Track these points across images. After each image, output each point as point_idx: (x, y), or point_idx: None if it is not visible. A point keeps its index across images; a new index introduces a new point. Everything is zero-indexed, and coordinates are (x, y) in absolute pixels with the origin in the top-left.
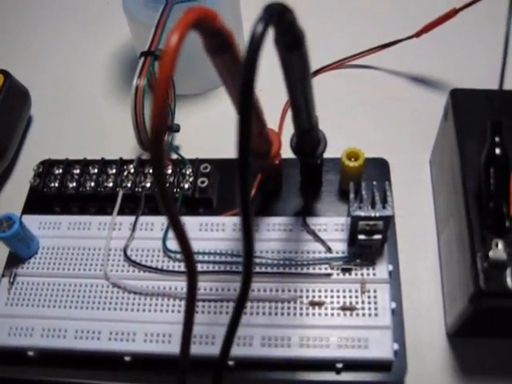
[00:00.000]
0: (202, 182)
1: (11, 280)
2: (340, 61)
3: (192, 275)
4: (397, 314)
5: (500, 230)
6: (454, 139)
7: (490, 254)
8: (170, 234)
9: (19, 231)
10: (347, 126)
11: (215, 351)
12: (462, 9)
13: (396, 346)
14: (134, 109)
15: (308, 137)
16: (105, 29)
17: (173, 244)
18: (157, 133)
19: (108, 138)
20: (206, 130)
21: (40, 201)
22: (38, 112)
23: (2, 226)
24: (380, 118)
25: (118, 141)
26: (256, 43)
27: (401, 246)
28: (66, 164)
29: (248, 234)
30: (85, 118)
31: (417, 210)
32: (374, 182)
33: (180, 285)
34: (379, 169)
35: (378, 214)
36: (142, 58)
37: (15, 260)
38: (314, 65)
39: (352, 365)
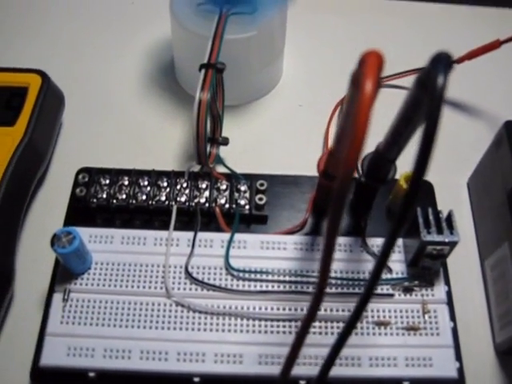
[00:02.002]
0: (260, 199)
1: (65, 297)
2: None
3: (318, 301)
4: (454, 333)
5: None
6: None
7: None
8: (232, 252)
9: (79, 247)
10: None
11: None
12: (506, 41)
13: (457, 364)
14: (196, 122)
15: (389, 165)
16: (133, 30)
17: (236, 262)
18: (348, 176)
19: (144, 147)
20: (246, 142)
21: (83, 212)
22: (68, 117)
23: (61, 241)
24: (415, 139)
25: (155, 150)
26: (440, 95)
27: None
28: (114, 174)
29: (383, 261)
30: (118, 125)
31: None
32: (440, 208)
33: (246, 304)
34: (424, 191)
35: (447, 240)
36: (203, 71)
37: (67, 275)
38: None
39: (417, 383)
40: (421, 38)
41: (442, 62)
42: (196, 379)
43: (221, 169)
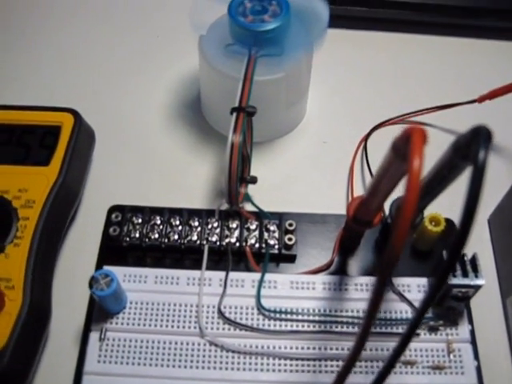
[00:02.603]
0: (289, 240)
1: (102, 336)
2: (400, 116)
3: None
4: (478, 371)
5: None
6: None
7: None
8: (263, 292)
9: (117, 289)
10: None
11: None
12: None
13: None
14: (229, 166)
15: (417, 212)
16: (159, 64)
17: (267, 302)
18: (397, 255)
19: (173, 184)
20: (272, 179)
21: (115, 250)
22: (97, 153)
23: (99, 283)
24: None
25: (184, 187)
26: (481, 170)
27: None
28: (146, 213)
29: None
30: (147, 161)
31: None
32: (465, 251)
33: (278, 344)
34: (446, 229)
35: (472, 283)
36: (235, 114)
37: (103, 314)
38: (377, 119)
39: None
40: (444, 73)
41: (483, 137)
42: None
43: (249, 206)
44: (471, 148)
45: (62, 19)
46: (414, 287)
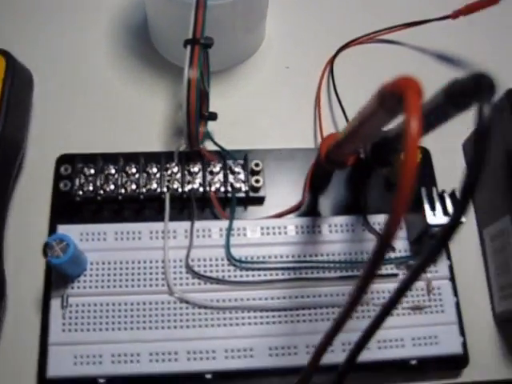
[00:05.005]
0: (257, 181)
1: (64, 303)
2: (368, 35)
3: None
4: (457, 308)
5: None
6: None
7: None
8: (232, 240)
9: (74, 253)
10: None
11: (298, 361)
12: None
13: (461, 339)
14: (187, 104)
15: (398, 151)
16: None
17: (236, 251)
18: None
19: (125, 124)
20: (233, 112)
21: (68, 206)
22: (37, 97)
23: (54, 249)
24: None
25: (138, 126)
26: (486, 128)
27: None
28: (98, 162)
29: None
30: (94, 101)
31: None
32: (444, 189)
33: (252, 295)
34: (422, 159)
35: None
36: (189, 47)
37: (62, 279)
38: (343, 38)
39: (424, 362)
40: None
41: (486, 91)
42: (208, 376)
43: (210, 145)
44: (468, 99)
45: None
46: None
